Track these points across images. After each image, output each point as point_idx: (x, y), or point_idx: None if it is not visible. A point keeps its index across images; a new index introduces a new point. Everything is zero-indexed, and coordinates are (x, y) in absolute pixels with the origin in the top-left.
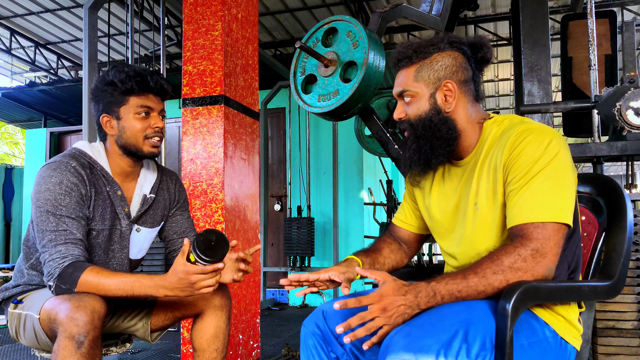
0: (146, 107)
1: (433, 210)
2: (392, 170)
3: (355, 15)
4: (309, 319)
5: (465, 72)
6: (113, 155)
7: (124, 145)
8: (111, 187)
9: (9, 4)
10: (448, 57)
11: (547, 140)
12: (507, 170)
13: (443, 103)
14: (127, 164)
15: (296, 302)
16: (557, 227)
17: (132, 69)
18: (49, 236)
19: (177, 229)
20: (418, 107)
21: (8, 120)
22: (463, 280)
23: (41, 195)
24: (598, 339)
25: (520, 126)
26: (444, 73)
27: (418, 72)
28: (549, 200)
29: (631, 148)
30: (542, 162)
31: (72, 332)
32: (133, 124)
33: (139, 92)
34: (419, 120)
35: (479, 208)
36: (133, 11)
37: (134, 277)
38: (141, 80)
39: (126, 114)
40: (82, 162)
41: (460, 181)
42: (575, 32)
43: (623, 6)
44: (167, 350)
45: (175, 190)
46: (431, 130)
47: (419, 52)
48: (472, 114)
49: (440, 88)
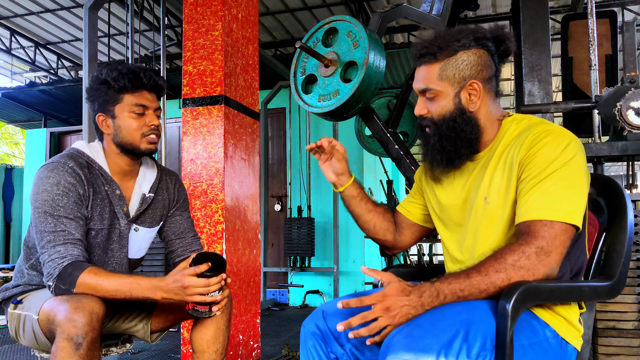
0: (141, 105)
1: (442, 201)
2: (392, 170)
3: (356, 15)
4: (309, 320)
5: (489, 69)
6: (111, 155)
7: (120, 144)
8: (109, 187)
9: (9, 4)
10: (474, 56)
11: (565, 142)
12: (522, 167)
13: (467, 102)
14: (125, 162)
15: (296, 303)
16: (565, 228)
17: (126, 67)
18: (47, 237)
19: (175, 229)
20: (442, 106)
21: (8, 120)
22: (466, 279)
23: (39, 196)
24: (599, 340)
25: (539, 126)
26: (470, 72)
27: (443, 70)
28: (560, 201)
29: (632, 148)
30: (557, 163)
31: (71, 334)
32: (129, 122)
33: (133, 90)
34: (442, 120)
35: (490, 203)
36: (133, 11)
37: (131, 278)
38: (134, 77)
39: (121, 113)
40: (79, 162)
41: (471, 175)
42: (576, 32)
43: (623, 6)
44: (167, 351)
45: (174, 190)
46: (455, 131)
47: (444, 48)
48: (492, 111)
49: (465, 87)
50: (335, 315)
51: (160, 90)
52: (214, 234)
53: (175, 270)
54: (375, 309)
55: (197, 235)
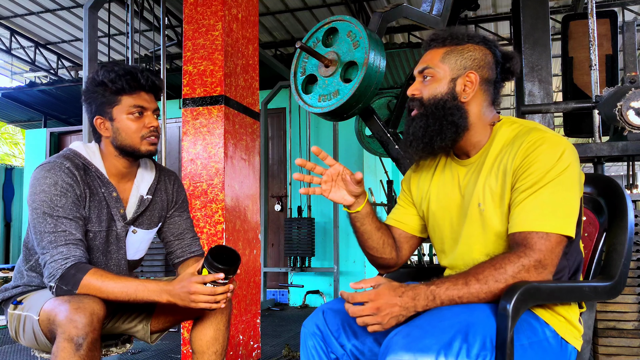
0: (139, 106)
1: (432, 207)
2: (392, 170)
3: (356, 15)
4: (309, 320)
5: (490, 71)
6: (108, 157)
7: (120, 147)
8: (106, 189)
9: (9, 4)
10: (479, 51)
11: (560, 150)
12: (516, 176)
13: (461, 91)
14: (123, 164)
15: (296, 303)
16: (560, 239)
17: (122, 68)
18: (48, 237)
19: (174, 230)
20: (436, 87)
21: (8, 121)
22: (464, 287)
23: (37, 197)
24: (599, 340)
25: (534, 133)
26: (471, 64)
27: (447, 54)
28: (556, 211)
29: (632, 148)
30: (553, 173)
31: (71, 334)
32: (127, 124)
33: (131, 91)
34: (432, 100)
35: (484, 209)
36: (133, 11)
37: (137, 281)
38: (131, 78)
39: (119, 115)
40: (76, 163)
41: (464, 179)
42: (576, 32)
43: (624, 6)
44: (168, 351)
45: (173, 191)
46: (443, 111)
47: (454, 37)
48: (485, 114)
49: (463, 76)
50: (335, 316)
51: (158, 91)
52: (214, 234)
53: (183, 276)
54: (366, 307)
55: (196, 235)
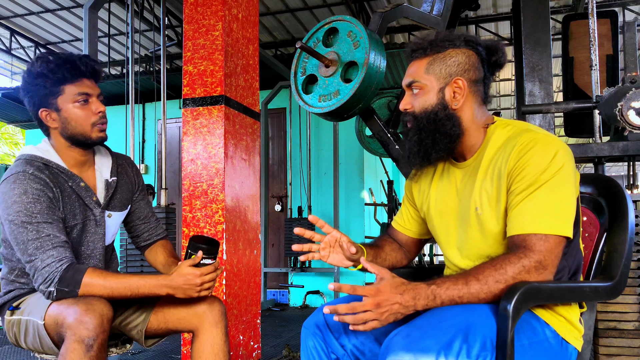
0: (84, 93)
1: (432, 212)
2: (393, 170)
3: (356, 15)
4: (310, 320)
5: (476, 72)
6: (62, 149)
7: (70, 136)
8: (73, 181)
9: (9, 4)
10: (462, 55)
11: (553, 151)
12: (511, 179)
13: (451, 99)
14: (79, 153)
15: (297, 303)
16: (558, 240)
17: (59, 57)
18: (33, 244)
19: (140, 214)
20: (425, 99)
21: (8, 120)
22: (464, 287)
23: (10, 209)
24: (599, 340)
25: (526, 135)
26: (456, 69)
27: (430, 64)
28: (553, 213)
29: (633, 148)
30: (547, 174)
31: (82, 336)
32: (75, 113)
33: (73, 80)
34: (424, 113)
35: (482, 213)
36: (133, 11)
37: (137, 276)
38: (72, 67)
39: (65, 104)
40: (37, 166)
41: (460, 183)
42: (577, 32)
43: (624, 6)
44: (168, 352)
45: (134, 175)
46: (435, 124)
47: (434, 45)
48: (477, 115)
49: (450, 84)
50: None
51: (99, 76)
52: (214, 234)
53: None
54: (366, 302)
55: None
